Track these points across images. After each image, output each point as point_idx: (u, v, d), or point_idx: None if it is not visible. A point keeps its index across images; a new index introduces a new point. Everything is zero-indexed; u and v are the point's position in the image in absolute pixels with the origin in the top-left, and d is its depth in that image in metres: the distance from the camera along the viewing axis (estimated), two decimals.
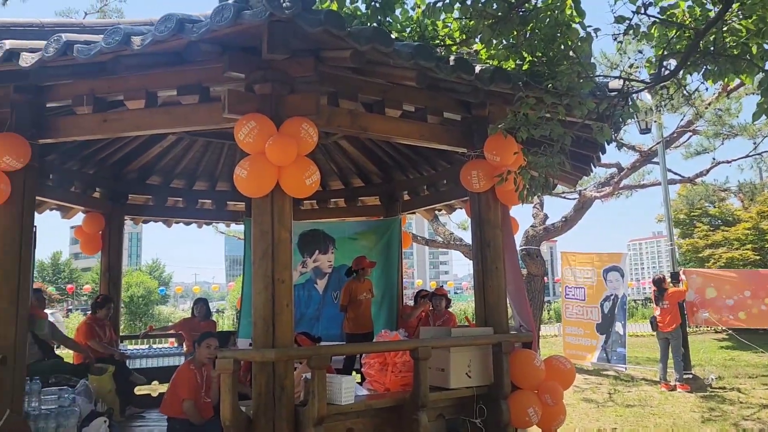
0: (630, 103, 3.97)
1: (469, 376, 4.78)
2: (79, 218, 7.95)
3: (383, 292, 8.46)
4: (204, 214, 8.94)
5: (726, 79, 4.20)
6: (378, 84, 4.75)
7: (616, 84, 4.79)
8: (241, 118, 3.98)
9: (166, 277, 59.70)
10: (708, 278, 11.64)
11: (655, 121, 10.43)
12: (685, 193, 18.13)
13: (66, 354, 7.66)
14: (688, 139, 13.38)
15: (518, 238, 14.10)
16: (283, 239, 4.11)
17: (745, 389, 9.92)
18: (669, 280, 11.15)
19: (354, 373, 7.10)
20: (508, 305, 5.83)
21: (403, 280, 8.89)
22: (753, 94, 11.20)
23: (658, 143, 11.02)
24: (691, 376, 10.48)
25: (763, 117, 3.83)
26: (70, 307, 37.14)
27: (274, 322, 4.00)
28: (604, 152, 5.89)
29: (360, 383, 5.05)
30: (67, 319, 24.72)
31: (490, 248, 5.17)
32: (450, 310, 8.10)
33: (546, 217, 14.09)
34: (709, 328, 18.86)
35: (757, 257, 17.54)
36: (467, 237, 14.36)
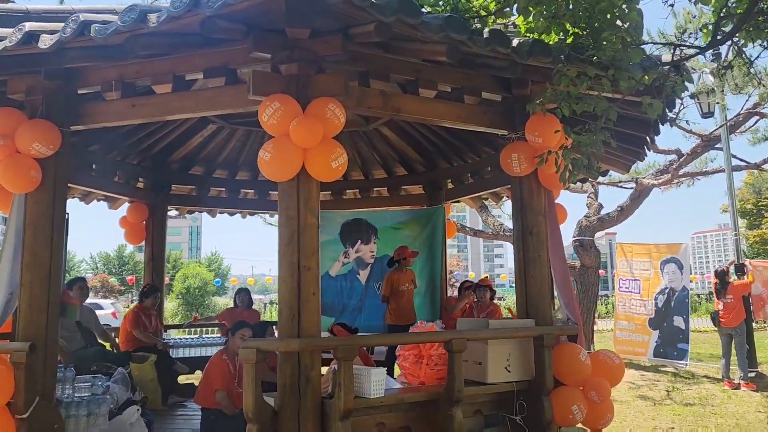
0: (683, 73, 3.60)
1: (509, 370, 4.53)
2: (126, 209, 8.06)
3: (427, 283, 8.26)
4: (247, 204, 8.92)
5: None
6: (410, 63, 4.52)
7: (667, 57, 4.42)
8: (264, 99, 3.83)
9: (224, 269, 61.03)
10: None
11: (718, 103, 9.77)
12: (752, 181, 17.09)
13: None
14: (755, 123, 12.55)
15: (571, 229, 13.64)
16: (309, 224, 3.96)
17: None
18: (733, 272, 10.50)
19: (396, 367, 6.94)
20: (556, 296, 5.54)
21: (449, 271, 8.64)
22: None
23: (720, 126, 10.34)
24: (756, 374, 9.82)
25: None
26: (134, 298, 38.65)
27: (299, 311, 3.85)
28: (657, 133, 5.48)
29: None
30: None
31: (533, 236, 4.88)
32: (496, 302, 7.82)
33: (600, 206, 13.53)
34: None
35: None
36: None
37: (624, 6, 3.51)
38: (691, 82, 3.74)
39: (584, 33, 3.90)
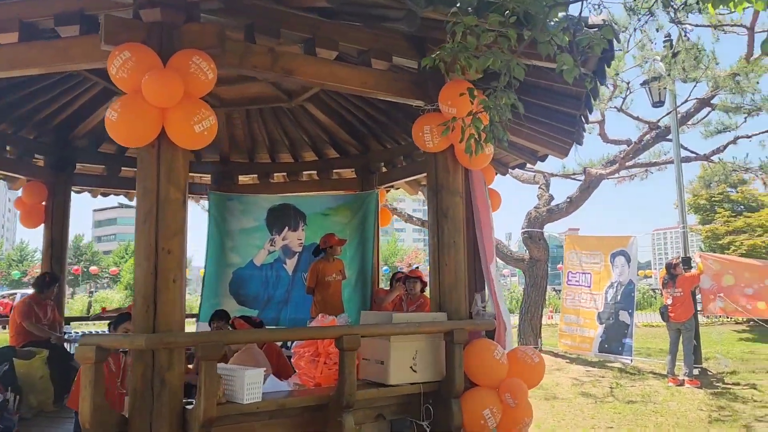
0: (608, 30, 3.09)
1: (415, 370, 4.00)
2: None
3: (357, 273, 7.70)
4: None
5: (732, 5, 3.31)
6: (306, 18, 3.95)
7: (596, 19, 3.92)
8: (114, 48, 3.20)
9: (187, 260, 59.63)
10: (726, 265, 10.61)
11: (665, 88, 9.42)
12: (704, 175, 17.01)
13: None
14: (707, 115, 12.33)
15: (520, 220, 13.25)
16: (172, 200, 3.35)
17: (761, 386, 8.98)
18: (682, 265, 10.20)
19: None
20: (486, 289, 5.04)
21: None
22: None
23: (669, 113, 10.01)
24: (700, 370, 9.56)
25: None
26: (92, 289, 37.31)
27: (155, 301, 3.25)
28: (590, 109, 5.02)
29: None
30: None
31: (448, 219, 4.35)
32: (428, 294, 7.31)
33: (551, 198, 13.19)
34: (729, 319, 17.81)
35: None
36: None
37: None
38: (613, 38, 3.23)
39: None
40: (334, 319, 4.27)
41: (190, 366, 4.97)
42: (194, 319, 7.86)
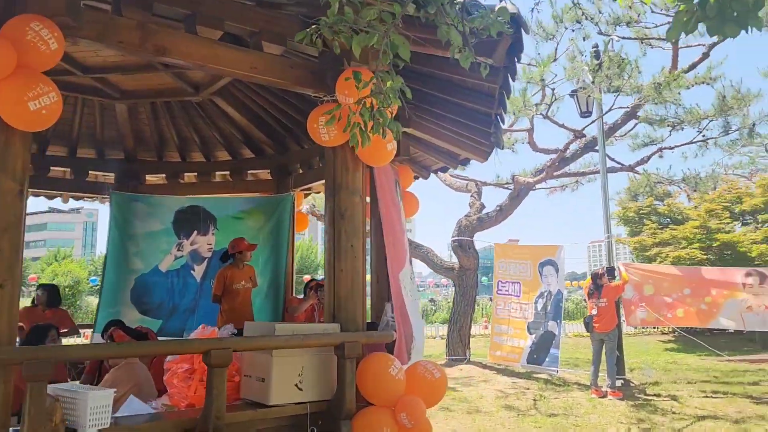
0: (501, 6, 2.79)
1: (300, 388, 3.58)
2: None
3: (269, 281, 7.24)
4: (60, 185, 7.52)
5: None
6: None
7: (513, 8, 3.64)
8: None
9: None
10: (647, 275, 10.69)
11: (590, 95, 9.38)
12: (632, 187, 17.32)
13: None
14: (634, 127, 12.48)
15: (450, 229, 13.05)
16: (3, 190, 2.84)
17: (681, 397, 8.98)
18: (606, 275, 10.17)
19: None
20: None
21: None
22: (701, 83, 10.30)
23: (593, 121, 10.00)
24: (623, 381, 9.51)
25: (710, 105, 2.71)
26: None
27: None
28: (504, 108, 4.73)
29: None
30: None
31: (345, 220, 3.97)
32: None
33: (483, 206, 13.07)
34: (656, 329, 18.16)
35: (704, 256, 16.81)
36: None
37: None
38: (509, 20, 2.93)
39: None
40: (215, 330, 3.81)
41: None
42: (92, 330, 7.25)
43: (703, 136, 10.71)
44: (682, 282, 10.14)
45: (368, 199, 4.76)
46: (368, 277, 4.91)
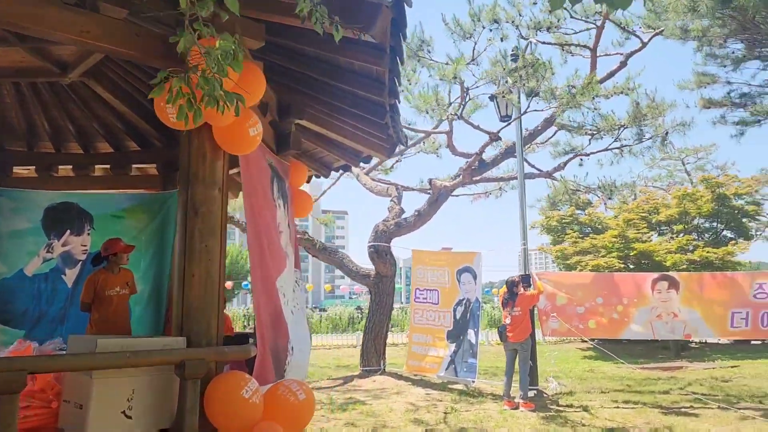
0: None
1: (129, 416, 2.97)
2: None
3: (152, 288, 6.54)
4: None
5: None
6: None
7: None
8: None
9: None
10: (560, 283, 10.52)
11: (505, 97, 9.14)
12: (551, 194, 17.44)
13: None
14: (555, 134, 12.43)
15: (367, 234, 12.58)
16: None
17: (593, 407, 8.80)
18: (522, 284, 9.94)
19: None
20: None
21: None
22: (619, 93, 10.28)
23: (509, 123, 9.77)
24: (536, 392, 9.27)
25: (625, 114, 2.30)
26: None
27: None
28: (395, 96, 4.28)
29: None
30: None
31: (199, 217, 3.40)
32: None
33: (402, 211, 12.67)
34: (575, 338, 18.32)
35: (622, 265, 17.09)
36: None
37: None
38: None
39: None
40: (30, 345, 3.15)
41: None
42: None
43: (620, 143, 10.70)
44: (594, 290, 10.03)
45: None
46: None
